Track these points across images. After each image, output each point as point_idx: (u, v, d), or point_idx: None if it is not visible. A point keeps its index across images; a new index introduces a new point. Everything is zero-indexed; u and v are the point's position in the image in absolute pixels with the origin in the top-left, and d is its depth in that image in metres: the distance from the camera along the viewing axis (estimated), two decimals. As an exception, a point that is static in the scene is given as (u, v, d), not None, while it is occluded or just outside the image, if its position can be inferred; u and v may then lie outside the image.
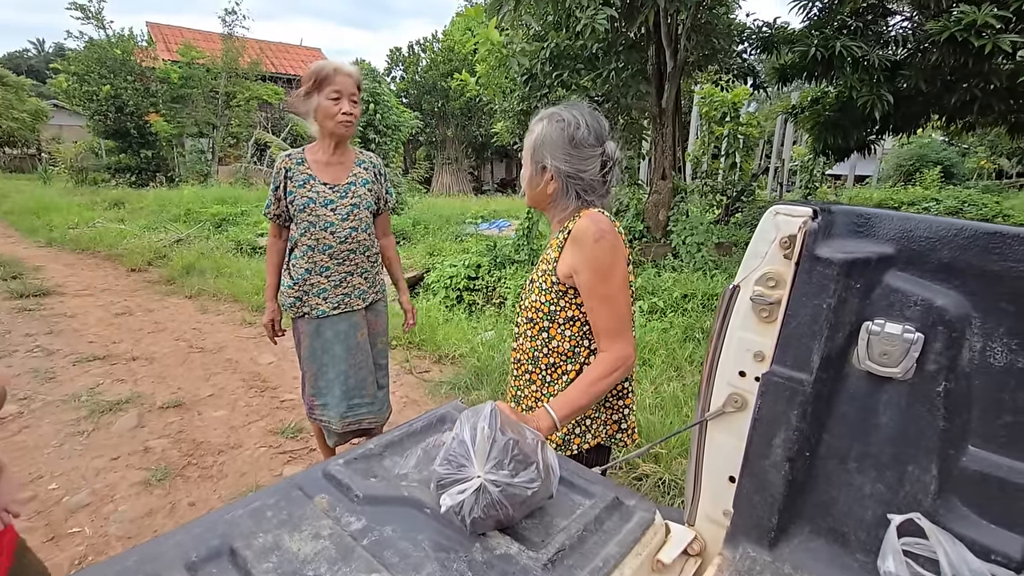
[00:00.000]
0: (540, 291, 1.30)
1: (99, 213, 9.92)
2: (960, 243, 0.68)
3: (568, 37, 5.17)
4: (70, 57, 14.36)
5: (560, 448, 1.35)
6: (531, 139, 1.29)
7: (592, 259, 1.19)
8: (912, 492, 0.72)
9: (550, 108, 1.30)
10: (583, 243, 1.20)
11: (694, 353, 3.78)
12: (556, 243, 1.29)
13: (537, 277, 1.33)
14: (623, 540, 0.82)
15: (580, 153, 1.24)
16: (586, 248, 1.20)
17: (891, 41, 5.06)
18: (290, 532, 0.80)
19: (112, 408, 3.17)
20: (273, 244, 2.19)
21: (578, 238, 1.21)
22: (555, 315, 1.29)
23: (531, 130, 1.30)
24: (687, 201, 6.08)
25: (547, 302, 1.29)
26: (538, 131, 1.27)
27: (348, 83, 1.96)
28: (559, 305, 1.28)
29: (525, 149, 1.33)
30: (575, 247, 1.22)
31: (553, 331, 1.30)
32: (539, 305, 1.31)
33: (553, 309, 1.29)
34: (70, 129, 20.58)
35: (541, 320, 1.31)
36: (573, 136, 1.23)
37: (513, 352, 1.44)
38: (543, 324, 1.31)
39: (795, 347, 0.76)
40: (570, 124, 1.24)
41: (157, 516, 2.29)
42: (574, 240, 1.23)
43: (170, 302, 5.49)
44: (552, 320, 1.29)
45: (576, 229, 1.22)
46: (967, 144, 15.80)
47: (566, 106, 1.28)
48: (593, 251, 1.19)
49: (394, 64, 21.80)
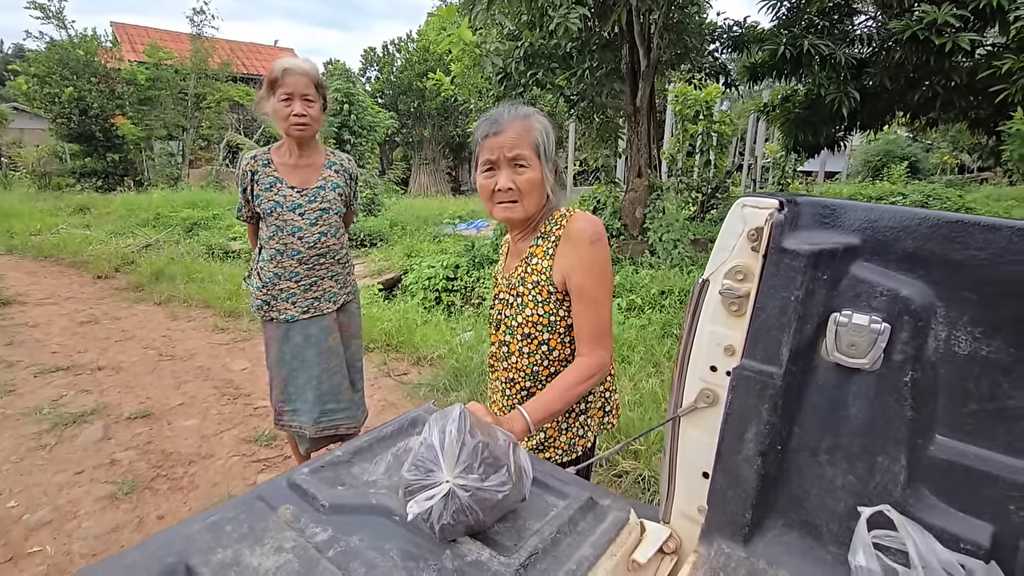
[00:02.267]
0: (536, 303, 1.24)
1: (63, 219, 9.59)
2: (923, 232, 0.68)
3: (542, 36, 5.17)
4: (30, 58, 13.87)
5: (566, 452, 1.32)
6: (536, 136, 1.19)
7: (588, 261, 1.17)
8: (882, 483, 0.72)
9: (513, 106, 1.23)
10: (579, 244, 1.17)
11: (672, 349, 3.81)
12: (541, 251, 1.23)
13: (527, 291, 1.25)
14: (597, 541, 0.80)
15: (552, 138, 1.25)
16: (583, 249, 1.17)
17: (857, 40, 5.18)
18: (251, 546, 0.77)
19: (76, 420, 3.05)
20: (254, 234, 2.15)
21: (575, 238, 1.18)
22: (555, 325, 1.24)
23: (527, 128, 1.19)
24: (663, 198, 6.14)
25: (546, 313, 1.24)
26: (542, 126, 1.21)
27: (300, 83, 1.87)
28: (559, 315, 1.23)
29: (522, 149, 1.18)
30: (570, 247, 1.18)
31: (554, 342, 1.26)
32: (536, 319, 1.25)
33: (553, 320, 1.24)
34: (32, 132, 19.85)
35: (540, 333, 1.25)
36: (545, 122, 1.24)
37: (502, 372, 1.35)
38: (542, 337, 1.25)
39: (764, 340, 0.76)
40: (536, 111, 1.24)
41: (124, 531, 2.21)
42: (569, 239, 1.19)
43: (138, 309, 5.33)
44: (552, 331, 1.25)
45: (572, 229, 1.18)
46: (931, 140, 16.29)
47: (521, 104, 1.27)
48: (590, 252, 1.17)
49: (369, 64, 21.58)
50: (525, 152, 1.18)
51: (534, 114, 1.21)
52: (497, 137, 1.18)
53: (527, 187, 1.19)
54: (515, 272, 1.29)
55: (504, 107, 1.22)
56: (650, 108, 6.07)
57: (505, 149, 1.17)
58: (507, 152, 1.17)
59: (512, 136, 1.17)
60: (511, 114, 1.20)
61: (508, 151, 1.17)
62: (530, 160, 1.19)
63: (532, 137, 1.19)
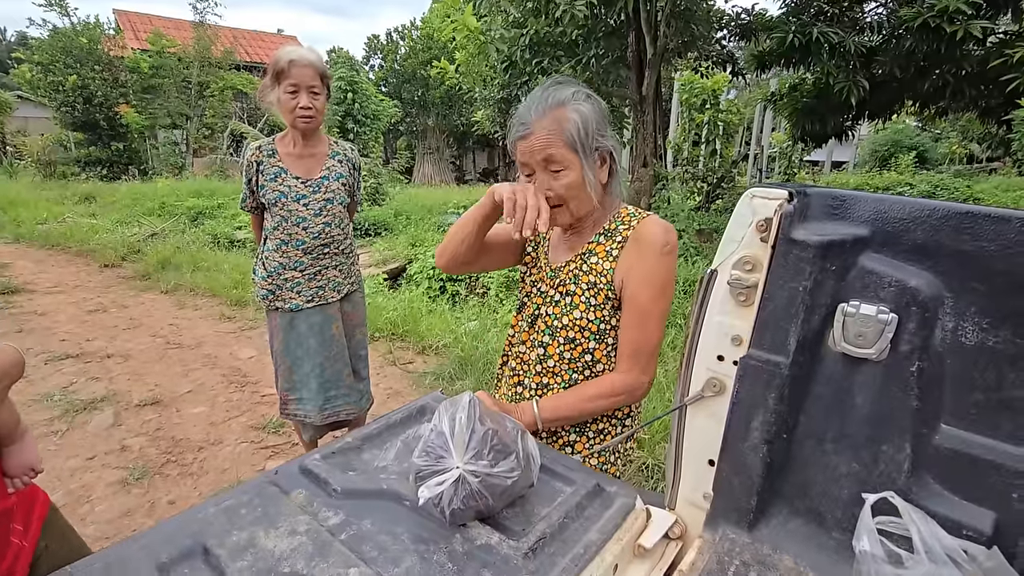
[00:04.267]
0: (588, 307, 1.13)
1: (69, 208, 9.63)
2: (933, 224, 0.68)
3: (547, 24, 5.12)
4: (33, 46, 13.84)
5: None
6: (571, 130, 1.04)
7: (651, 270, 1.07)
8: (887, 471, 0.73)
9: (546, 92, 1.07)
10: (649, 250, 1.07)
11: (676, 339, 3.81)
12: (603, 251, 1.12)
13: (580, 291, 1.14)
14: (604, 526, 0.82)
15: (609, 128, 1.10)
16: (650, 257, 1.06)
17: (866, 28, 5.11)
18: (265, 529, 0.78)
19: (87, 407, 3.10)
20: (258, 225, 2.16)
21: (646, 241, 1.07)
22: (604, 334, 1.15)
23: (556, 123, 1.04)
24: (668, 188, 6.11)
25: (597, 319, 1.14)
26: (578, 116, 1.04)
27: (306, 75, 1.86)
28: (611, 324, 1.14)
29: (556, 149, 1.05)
30: (636, 252, 1.08)
31: (599, 353, 1.16)
32: (585, 323, 1.14)
33: (603, 327, 1.14)
34: (36, 121, 19.87)
35: (586, 340, 1.15)
36: (603, 109, 1.09)
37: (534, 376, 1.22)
38: (587, 345, 1.15)
39: (772, 330, 0.76)
40: (594, 97, 1.09)
41: (136, 515, 2.25)
42: (638, 243, 1.08)
43: (145, 298, 5.37)
44: (600, 340, 1.15)
45: (644, 232, 1.08)
46: (940, 129, 16.12)
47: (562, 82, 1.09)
48: (656, 262, 1.06)
49: (372, 52, 21.44)
50: (558, 152, 1.05)
51: (569, 102, 1.05)
52: (526, 141, 1.06)
53: (568, 192, 1.08)
54: (567, 267, 1.17)
55: (535, 97, 1.07)
56: (656, 97, 6.03)
57: (536, 153, 1.06)
58: (538, 156, 1.06)
59: (542, 137, 1.05)
60: (539, 109, 1.06)
61: (539, 154, 1.06)
62: (565, 159, 1.05)
63: (564, 133, 1.04)
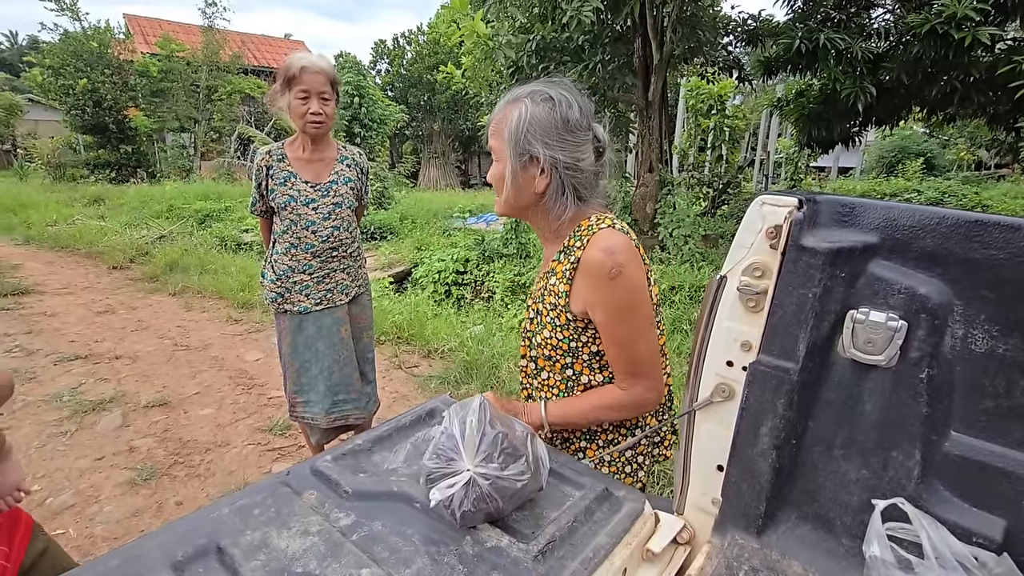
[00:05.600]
0: (554, 327, 1.10)
1: (78, 210, 9.72)
2: (942, 231, 0.69)
3: (554, 29, 5.15)
4: (45, 50, 14.02)
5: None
6: (509, 125, 1.02)
7: (609, 300, 1.01)
8: (896, 477, 0.73)
9: (525, 86, 1.05)
10: (598, 281, 1.00)
11: (682, 344, 3.81)
12: (561, 271, 1.07)
13: (545, 310, 1.11)
14: (613, 530, 0.82)
15: (575, 138, 1.01)
16: (602, 288, 1.00)
17: (874, 34, 5.11)
18: (278, 529, 0.79)
19: (95, 408, 3.12)
20: (267, 229, 2.18)
21: (592, 273, 1.01)
22: (578, 352, 1.10)
23: (504, 115, 1.03)
24: (674, 194, 6.11)
25: (565, 339, 1.10)
26: (519, 114, 1.01)
27: (317, 81, 1.89)
28: (580, 341, 1.09)
29: (495, 139, 1.06)
30: (588, 283, 1.02)
31: (579, 366, 1.12)
32: (556, 342, 1.11)
33: (574, 346, 1.10)
34: (46, 124, 20.08)
35: (562, 357, 1.12)
36: (567, 118, 1.00)
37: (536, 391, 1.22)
38: (565, 361, 1.12)
39: (781, 336, 0.77)
40: (561, 103, 1.01)
41: (144, 516, 2.26)
42: (587, 275, 1.02)
43: (153, 300, 5.41)
44: (575, 357, 1.11)
45: (587, 262, 1.01)
46: (947, 136, 16.04)
47: (546, 83, 1.04)
48: (610, 292, 1.00)
49: (379, 57, 21.57)
50: (495, 143, 1.06)
51: (522, 99, 1.02)
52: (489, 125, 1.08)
53: (494, 182, 1.09)
54: (538, 285, 1.16)
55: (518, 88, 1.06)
56: (662, 102, 6.04)
57: (489, 138, 1.08)
58: (488, 141, 1.08)
59: (491, 126, 1.07)
60: (506, 98, 1.05)
61: (489, 140, 1.08)
62: (498, 151, 1.06)
63: (505, 126, 1.03)
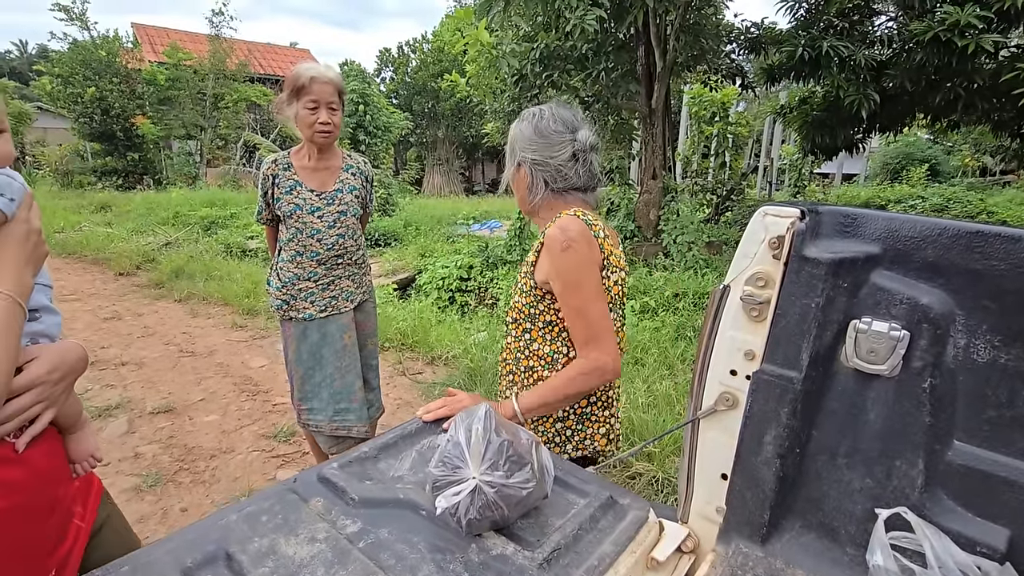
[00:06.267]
0: (521, 293, 1.31)
1: (85, 216, 9.80)
2: (944, 242, 0.69)
3: (558, 38, 5.19)
4: (54, 59, 14.17)
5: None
6: (509, 140, 1.33)
7: (562, 270, 1.18)
8: (900, 486, 0.74)
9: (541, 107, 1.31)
10: (553, 252, 1.19)
11: (686, 351, 3.80)
12: (534, 247, 1.29)
13: (520, 278, 1.33)
14: (618, 538, 0.82)
15: (546, 140, 1.26)
16: (556, 258, 1.19)
17: (877, 41, 5.12)
18: (286, 536, 0.80)
19: (101, 414, 3.14)
20: (272, 236, 2.20)
21: (549, 246, 1.20)
22: (535, 318, 1.29)
23: (511, 132, 1.34)
24: (677, 200, 6.12)
25: (527, 304, 1.29)
26: (512, 130, 1.32)
27: (326, 91, 1.91)
28: (538, 309, 1.28)
29: (507, 152, 1.36)
30: (547, 255, 1.21)
31: (535, 333, 1.30)
32: (520, 306, 1.31)
33: (533, 312, 1.29)
34: (54, 132, 20.27)
35: (524, 321, 1.31)
36: (537, 126, 1.27)
37: (502, 352, 1.43)
38: (525, 325, 1.31)
39: (785, 345, 0.78)
40: (535, 116, 1.28)
41: (149, 522, 2.27)
42: (546, 248, 1.22)
43: (159, 306, 5.44)
44: (533, 323, 1.30)
45: (547, 236, 1.21)
46: (952, 142, 16.02)
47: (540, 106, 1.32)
48: (562, 261, 1.18)
49: (384, 65, 21.75)
50: (507, 153, 1.34)
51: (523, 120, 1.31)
52: None
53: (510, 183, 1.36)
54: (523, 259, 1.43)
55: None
56: (665, 109, 6.07)
57: None
58: None
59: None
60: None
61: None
62: (509, 161, 1.34)
63: (510, 140, 1.33)
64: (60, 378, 0.85)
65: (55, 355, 0.85)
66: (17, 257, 0.80)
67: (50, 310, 0.93)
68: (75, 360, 0.89)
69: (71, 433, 0.97)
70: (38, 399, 0.81)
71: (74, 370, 0.89)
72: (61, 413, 0.89)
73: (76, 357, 0.90)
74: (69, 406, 0.92)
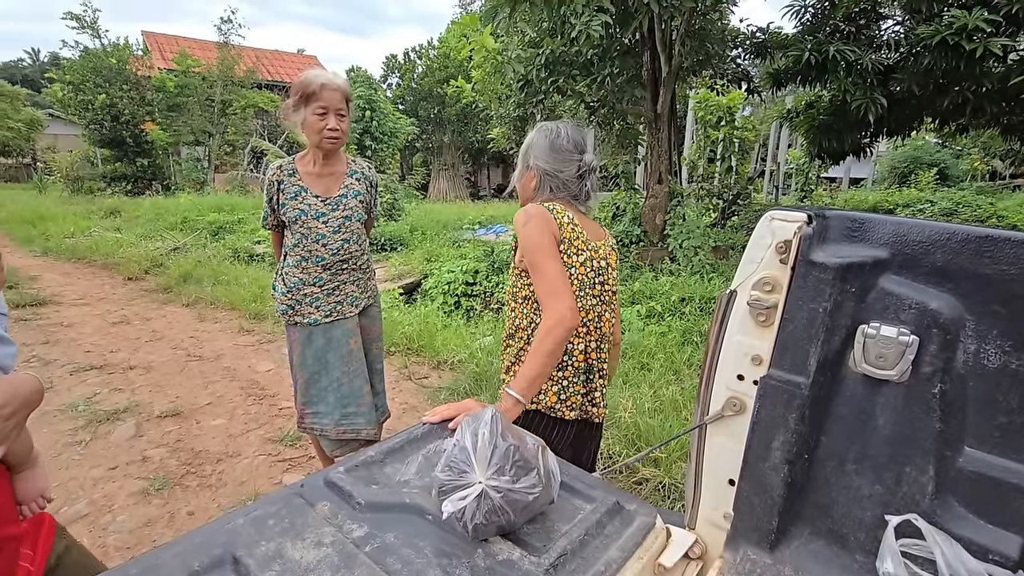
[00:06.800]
0: (511, 275, 1.53)
1: (95, 222, 9.91)
2: (953, 247, 0.69)
3: (563, 43, 5.21)
4: (65, 66, 14.37)
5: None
6: (524, 145, 1.56)
7: (523, 239, 1.40)
8: (910, 493, 0.73)
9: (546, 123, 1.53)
10: (518, 228, 1.42)
11: (692, 357, 3.79)
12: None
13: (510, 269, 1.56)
14: (624, 544, 0.82)
15: (559, 156, 1.47)
16: (520, 232, 1.41)
17: (884, 45, 5.11)
18: (292, 540, 0.80)
19: (110, 417, 3.16)
20: (278, 242, 2.22)
21: (515, 225, 1.43)
22: (516, 294, 1.49)
23: (527, 139, 1.55)
24: (683, 205, 6.11)
25: (512, 284, 1.51)
26: (528, 138, 1.54)
27: (335, 98, 1.93)
28: (516, 286, 1.49)
29: (520, 155, 1.57)
30: (517, 233, 1.43)
31: (516, 308, 1.50)
32: (509, 287, 1.53)
33: (514, 289, 1.50)
34: (65, 138, 20.54)
35: (511, 300, 1.52)
36: (553, 142, 1.48)
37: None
38: (512, 305, 1.51)
39: (792, 350, 0.77)
40: (552, 132, 1.49)
41: (156, 526, 2.28)
42: (515, 228, 1.44)
43: (167, 310, 5.48)
44: (515, 299, 1.50)
45: (515, 219, 1.44)
46: (961, 146, 15.91)
47: (557, 122, 1.53)
48: (523, 232, 1.40)
49: (390, 71, 21.86)
50: (520, 157, 1.57)
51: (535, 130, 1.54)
52: None
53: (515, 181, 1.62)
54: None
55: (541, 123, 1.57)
56: (671, 114, 6.06)
57: None
58: None
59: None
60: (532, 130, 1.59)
61: None
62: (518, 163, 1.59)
63: (523, 147, 1.57)
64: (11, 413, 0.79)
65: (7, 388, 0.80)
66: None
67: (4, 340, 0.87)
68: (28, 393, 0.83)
69: (20, 471, 0.90)
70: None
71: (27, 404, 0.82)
72: (11, 450, 0.83)
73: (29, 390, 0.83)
74: (20, 443, 0.85)
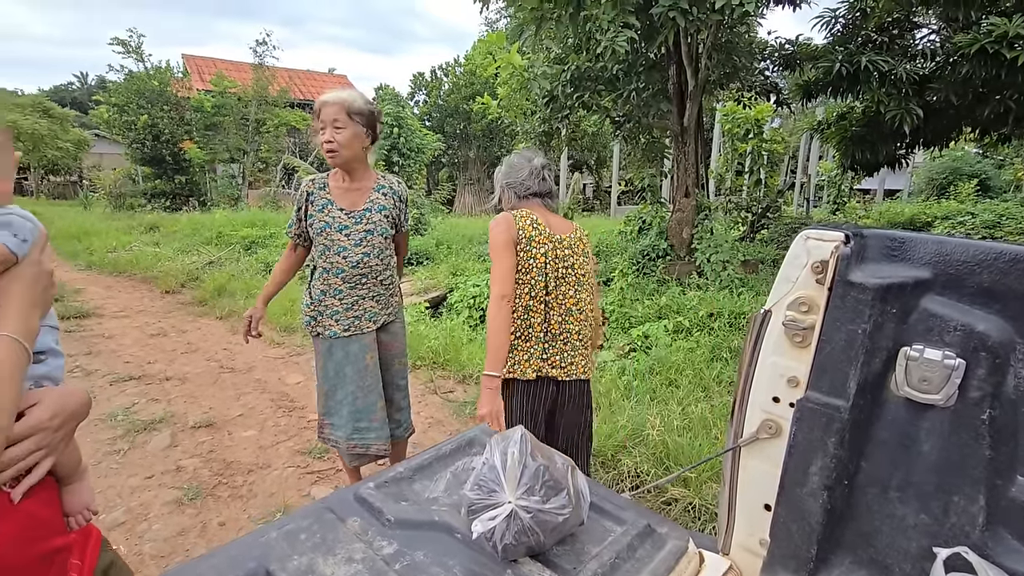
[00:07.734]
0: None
1: (136, 237, 10.30)
2: (1000, 267, 0.67)
3: (589, 59, 5.24)
4: (111, 89, 15.07)
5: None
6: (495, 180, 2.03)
7: (490, 241, 1.79)
8: (959, 524, 0.70)
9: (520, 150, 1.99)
10: (488, 234, 1.80)
11: (722, 373, 3.71)
12: None
13: None
14: (656, 569, 0.80)
15: (514, 168, 1.93)
16: (489, 236, 1.80)
17: (919, 54, 4.99)
18: (324, 555, 0.81)
19: (147, 427, 3.25)
20: (286, 257, 2.29)
21: (488, 231, 1.81)
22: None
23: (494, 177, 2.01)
24: (711, 218, 6.03)
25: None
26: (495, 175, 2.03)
27: (329, 112, 2.00)
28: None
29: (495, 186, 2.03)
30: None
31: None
32: None
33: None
34: (110, 157, 21.48)
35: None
36: (509, 161, 1.97)
37: None
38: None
39: (831, 373, 0.75)
40: (508, 157, 1.99)
41: (189, 535, 2.32)
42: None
43: (202, 323, 5.64)
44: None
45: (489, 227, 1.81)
46: (1003, 156, 15.35)
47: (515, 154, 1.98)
48: (490, 237, 1.79)
49: (417, 88, 22.30)
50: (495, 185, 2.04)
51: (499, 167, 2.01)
52: None
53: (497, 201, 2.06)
54: None
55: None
56: (697, 127, 6.02)
57: None
58: None
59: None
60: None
61: None
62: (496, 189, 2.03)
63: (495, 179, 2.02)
64: (61, 424, 0.80)
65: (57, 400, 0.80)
66: (24, 299, 0.76)
67: (56, 353, 0.90)
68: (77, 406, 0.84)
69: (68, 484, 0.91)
70: (38, 446, 0.76)
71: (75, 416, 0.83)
72: (59, 462, 0.84)
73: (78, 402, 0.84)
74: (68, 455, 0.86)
